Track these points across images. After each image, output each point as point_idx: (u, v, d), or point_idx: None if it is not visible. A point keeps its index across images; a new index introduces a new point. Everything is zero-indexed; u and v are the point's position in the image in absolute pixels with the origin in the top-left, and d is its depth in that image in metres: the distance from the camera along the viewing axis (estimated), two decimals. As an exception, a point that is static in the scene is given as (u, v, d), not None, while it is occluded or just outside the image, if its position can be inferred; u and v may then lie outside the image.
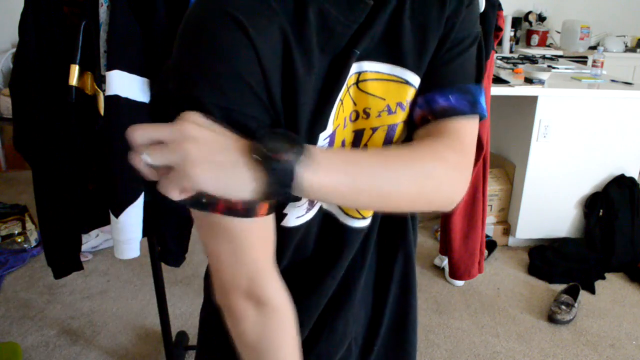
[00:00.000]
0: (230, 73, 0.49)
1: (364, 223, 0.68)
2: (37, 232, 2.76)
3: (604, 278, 2.58)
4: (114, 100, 1.30)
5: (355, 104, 0.59)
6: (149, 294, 2.37)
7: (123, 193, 1.42)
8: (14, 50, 2.95)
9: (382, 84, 0.59)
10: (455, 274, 2.04)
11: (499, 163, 2.91)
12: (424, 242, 2.92)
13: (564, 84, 2.71)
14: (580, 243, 2.76)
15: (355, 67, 0.57)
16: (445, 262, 2.54)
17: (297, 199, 0.50)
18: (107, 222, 1.52)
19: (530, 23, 4.91)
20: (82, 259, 1.62)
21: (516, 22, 4.81)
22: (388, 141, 0.62)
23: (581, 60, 4.05)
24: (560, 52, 4.48)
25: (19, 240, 2.70)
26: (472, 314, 2.29)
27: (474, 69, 0.64)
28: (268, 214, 0.54)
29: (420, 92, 0.62)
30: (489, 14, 1.48)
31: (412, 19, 0.59)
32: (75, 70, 1.33)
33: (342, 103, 0.58)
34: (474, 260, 2.01)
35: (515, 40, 4.82)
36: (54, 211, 1.49)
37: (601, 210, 2.70)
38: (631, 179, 2.70)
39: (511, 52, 4.55)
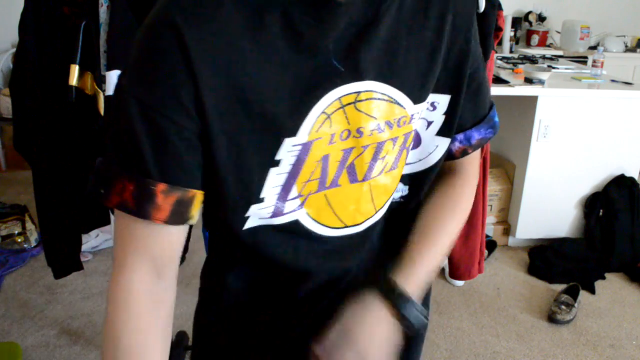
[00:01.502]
0: (157, 76, 0.52)
1: (342, 232, 0.69)
2: (37, 232, 2.76)
3: (604, 278, 2.58)
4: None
5: (348, 122, 0.60)
6: (149, 294, 2.37)
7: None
8: (14, 50, 2.95)
9: (375, 103, 0.61)
10: (455, 274, 2.04)
11: (499, 163, 2.91)
12: (424, 242, 2.92)
13: (564, 84, 2.71)
14: (580, 243, 2.76)
15: (351, 87, 0.58)
16: (445, 262, 2.54)
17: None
18: (107, 222, 1.52)
19: (530, 23, 4.91)
20: (82, 259, 1.62)
21: (516, 22, 4.81)
22: (375, 158, 0.63)
23: (581, 60, 4.05)
24: (560, 52, 4.48)
25: (19, 240, 2.70)
26: (472, 314, 2.29)
27: (487, 93, 0.73)
28: (168, 222, 0.55)
29: (451, 123, 0.69)
30: (489, 14, 1.48)
31: (414, 39, 0.61)
32: (75, 70, 1.33)
33: (329, 118, 0.58)
34: (474, 260, 2.01)
35: (515, 40, 4.82)
36: (54, 211, 1.50)
37: (601, 210, 2.70)
38: (631, 179, 2.70)
39: (511, 52, 4.55)
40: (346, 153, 0.62)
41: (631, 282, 2.57)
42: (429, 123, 0.68)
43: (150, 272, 0.57)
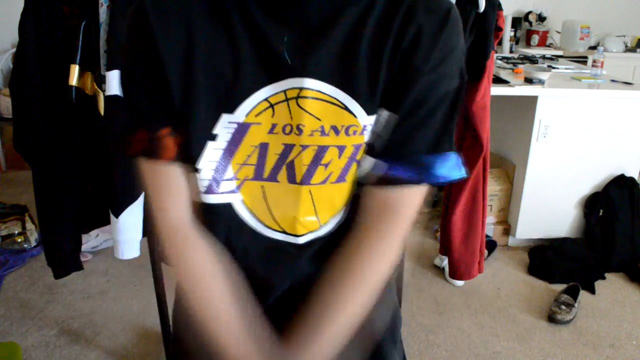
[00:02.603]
0: (130, 46, 0.63)
1: (285, 237, 0.68)
2: (37, 232, 2.76)
3: (604, 278, 2.58)
4: (114, 100, 1.30)
5: (291, 117, 0.61)
6: (149, 294, 2.37)
7: (123, 193, 1.42)
8: (14, 50, 2.95)
9: (322, 105, 0.60)
10: (455, 274, 2.04)
11: (499, 163, 2.91)
12: (424, 242, 2.92)
13: (564, 84, 2.71)
14: (580, 243, 2.76)
15: (297, 82, 0.60)
16: (445, 262, 2.54)
17: None
18: (107, 222, 1.52)
19: (530, 23, 4.91)
20: (82, 259, 1.62)
21: (516, 22, 4.81)
22: (315, 162, 0.63)
23: (581, 60, 4.05)
24: (560, 52, 4.48)
25: (19, 240, 2.70)
26: (472, 314, 2.29)
27: (434, 136, 0.64)
28: (176, 160, 0.64)
29: (379, 148, 0.64)
30: (489, 14, 1.48)
31: (371, 48, 0.60)
32: (75, 70, 1.33)
33: (272, 107, 0.61)
34: (474, 260, 2.01)
35: (515, 40, 4.82)
36: (54, 211, 1.50)
37: (601, 210, 2.70)
38: (631, 179, 2.70)
39: (511, 52, 4.55)
40: (287, 148, 0.62)
41: (631, 282, 2.57)
42: (377, 138, 0.65)
43: (184, 208, 0.67)
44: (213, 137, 0.62)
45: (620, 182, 2.69)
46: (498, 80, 2.59)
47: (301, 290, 0.68)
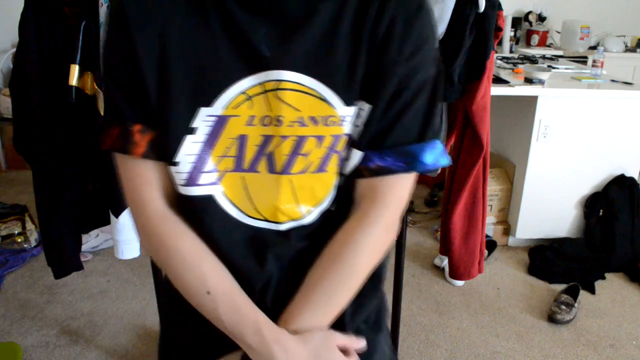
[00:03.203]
0: (110, 42, 0.66)
1: (267, 225, 0.68)
2: (37, 232, 2.76)
3: (604, 278, 2.58)
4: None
5: (270, 109, 0.62)
6: (149, 294, 2.37)
7: (123, 193, 1.42)
8: (14, 50, 2.95)
9: (300, 96, 0.62)
10: (455, 274, 2.03)
11: (499, 163, 2.91)
12: (424, 242, 2.92)
13: (564, 84, 2.71)
14: (580, 243, 2.76)
15: (275, 74, 0.61)
16: (445, 262, 2.54)
17: None
18: (107, 222, 1.52)
19: (530, 23, 4.91)
20: (82, 259, 1.62)
21: (516, 22, 4.81)
22: (295, 152, 0.64)
23: (581, 60, 4.05)
24: (560, 52, 4.48)
25: (19, 240, 2.70)
26: (472, 314, 2.29)
27: (418, 125, 0.66)
28: (145, 156, 0.65)
29: (365, 140, 0.66)
30: (489, 14, 1.48)
31: (347, 40, 0.62)
32: (75, 70, 1.33)
33: (249, 99, 0.62)
34: (474, 260, 2.01)
35: (515, 40, 4.82)
36: (54, 211, 1.49)
37: (601, 210, 2.70)
38: (631, 179, 2.70)
39: (511, 52, 4.55)
40: (266, 139, 0.64)
41: (631, 282, 2.57)
42: (360, 131, 0.67)
43: (165, 199, 0.68)
44: (192, 131, 0.63)
45: (620, 182, 2.69)
46: (498, 80, 2.59)
47: (288, 279, 0.69)
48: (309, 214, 0.68)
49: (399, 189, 0.69)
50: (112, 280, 2.50)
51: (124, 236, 1.46)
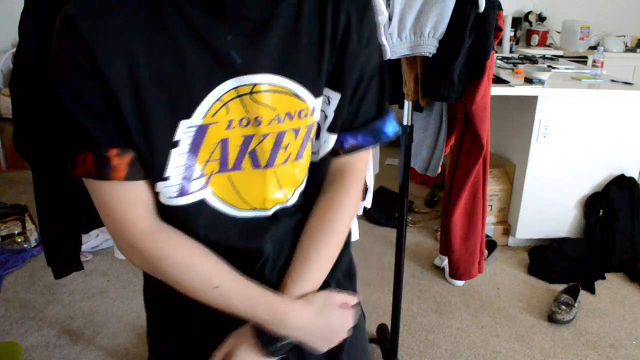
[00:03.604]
0: (67, 63, 0.60)
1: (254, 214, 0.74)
2: (37, 232, 2.76)
3: (604, 278, 2.58)
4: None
5: (247, 112, 0.66)
6: (149, 294, 2.37)
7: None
8: (14, 50, 2.95)
9: (274, 95, 0.66)
10: (455, 274, 2.03)
11: (499, 163, 2.91)
12: (424, 242, 2.92)
13: (564, 84, 2.71)
14: (580, 243, 2.76)
15: (248, 79, 0.64)
16: (445, 262, 2.54)
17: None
18: (107, 222, 1.52)
19: (530, 23, 4.91)
20: (82, 259, 1.62)
21: (516, 22, 4.81)
22: (276, 146, 0.69)
23: (581, 60, 4.05)
24: (560, 52, 4.48)
25: (19, 240, 2.70)
26: (472, 314, 2.29)
27: (377, 103, 0.77)
28: (127, 179, 0.64)
29: (336, 124, 0.74)
30: (489, 14, 1.48)
31: (310, 37, 0.67)
32: (75, 70, 1.33)
33: (225, 105, 0.64)
34: (474, 260, 2.01)
35: (515, 40, 4.82)
36: (54, 211, 1.49)
37: (601, 210, 2.70)
38: (631, 179, 2.70)
39: (511, 52, 4.55)
40: (247, 139, 0.67)
41: (631, 282, 2.57)
42: (325, 117, 0.74)
43: (152, 215, 0.68)
44: (175, 144, 0.64)
45: (620, 182, 2.69)
46: (498, 80, 2.59)
47: (281, 253, 0.76)
48: (292, 195, 0.76)
49: (365, 160, 0.80)
50: (112, 280, 2.50)
51: (124, 236, 1.46)
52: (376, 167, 1.82)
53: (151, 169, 0.65)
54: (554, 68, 3.13)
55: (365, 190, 1.71)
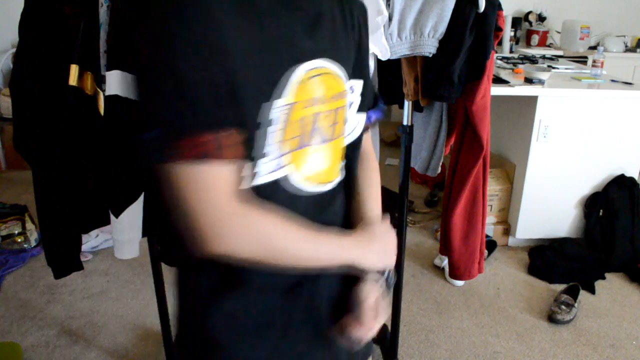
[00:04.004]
0: (194, 41, 0.61)
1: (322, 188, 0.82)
2: (37, 232, 2.76)
3: (604, 278, 2.58)
4: (114, 100, 1.30)
5: (315, 92, 0.74)
6: (149, 294, 2.37)
7: (123, 193, 1.42)
8: (14, 50, 2.95)
9: (329, 77, 0.76)
10: (455, 274, 2.03)
11: (499, 163, 2.91)
12: (424, 242, 2.92)
13: (564, 84, 2.71)
14: (580, 243, 2.76)
15: (315, 63, 0.73)
16: (445, 262, 2.54)
17: None
18: (107, 222, 1.52)
19: (530, 23, 4.92)
20: (82, 259, 1.62)
21: (516, 22, 4.81)
22: (333, 122, 0.79)
23: (581, 60, 4.05)
24: (560, 52, 4.48)
25: (19, 240, 2.70)
26: (472, 314, 2.29)
27: (371, 81, 0.92)
28: (233, 159, 0.65)
29: (362, 105, 0.88)
30: (489, 14, 1.48)
31: (343, 27, 0.79)
32: (75, 70, 1.33)
33: (302, 85, 0.71)
34: (474, 260, 2.01)
35: (515, 40, 4.82)
36: (54, 211, 1.50)
37: (601, 210, 2.70)
38: (631, 179, 2.70)
39: (511, 52, 4.55)
40: (315, 116, 0.75)
41: (631, 282, 2.57)
42: (350, 104, 0.85)
43: (239, 194, 0.68)
44: (270, 123, 0.69)
45: (620, 182, 2.69)
46: (498, 80, 2.59)
47: (344, 219, 0.89)
48: (340, 169, 0.86)
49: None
50: (112, 280, 2.50)
51: (124, 236, 1.46)
52: (376, 167, 1.81)
53: (251, 149, 0.67)
54: (554, 68, 3.13)
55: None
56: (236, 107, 0.64)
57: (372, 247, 0.84)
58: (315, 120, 0.75)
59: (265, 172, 0.71)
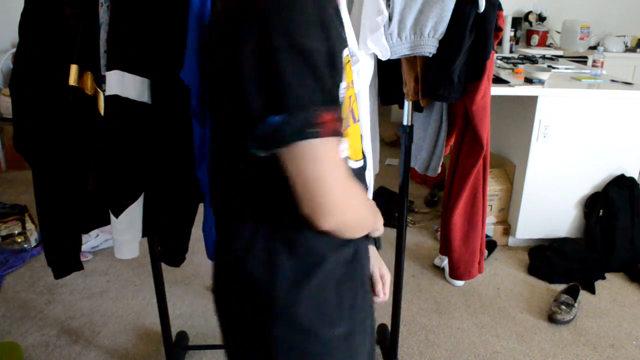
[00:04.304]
0: (329, 23, 0.69)
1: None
2: (37, 232, 2.76)
3: (604, 278, 2.58)
4: (114, 100, 1.30)
5: (349, 76, 0.79)
6: (149, 294, 2.37)
7: (123, 193, 1.42)
8: (14, 50, 2.95)
9: (349, 65, 0.80)
10: (455, 274, 2.03)
11: (499, 163, 2.91)
12: (424, 242, 2.92)
13: (564, 84, 2.71)
14: (580, 243, 2.76)
15: (346, 51, 0.76)
16: (445, 262, 2.54)
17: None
18: (107, 222, 1.52)
19: (530, 23, 4.91)
20: (82, 259, 1.62)
21: (516, 22, 4.81)
22: (357, 105, 0.86)
23: (581, 60, 4.05)
24: (560, 52, 4.48)
25: (19, 240, 2.70)
26: (472, 314, 2.29)
27: None
28: (342, 135, 0.71)
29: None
30: (489, 14, 1.48)
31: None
32: (75, 70, 1.33)
33: (345, 70, 0.75)
34: (474, 260, 2.00)
35: (515, 40, 4.82)
36: (54, 211, 1.50)
37: (601, 210, 2.70)
38: (631, 179, 2.70)
39: (511, 52, 4.55)
40: (350, 99, 0.80)
41: (631, 282, 2.57)
42: None
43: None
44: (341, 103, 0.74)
45: (620, 182, 2.69)
46: (498, 80, 2.59)
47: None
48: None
49: None
50: (112, 280, 2.50)
51: (124, 236, 1.46)
52: (376, 167, 1.81)
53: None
54: (554, 68, 3.13)
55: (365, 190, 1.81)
56: (335, 83, 0.69)
57: (379, 216, 0.91)
58: (350, 102, 0.81)
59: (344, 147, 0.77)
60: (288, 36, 0.62)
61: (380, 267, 1.02)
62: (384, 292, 1.00)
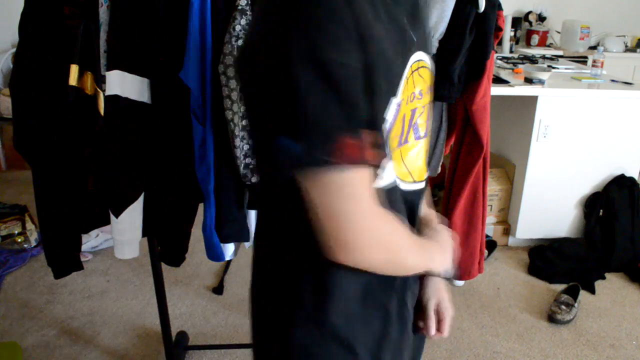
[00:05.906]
0: (343, 34, 0.55)
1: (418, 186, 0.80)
2: (37, 232, 2.76)
3: (604, 278, 2.58)
4: (114, 100, 1.30)
5: (415, 87, 0.69)
6: (149, 294, 2.37)
7: (123, 193, 1.42)
8: (14, 50, 2.95)
9: (425, 71, 0.73)
10: (455, 274, 2.04)
11: (499, 163, 2.91)
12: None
13: (564, 84, 2.71)
14: (580, 243, 2.76)
15: (417, 56, 0.69)
16: (445, 262, 2.54)
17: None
18: (107, 222, 1.52)
19: (530, 23, 4.91)
20: (82, 259, 1.62)
21: (516, 22, 4.81)
22: (428, 118, 0.77)
23: (581, 60, 4.06)
24: (560, 52, 4.48)
25: (19, 240, 2.70)
26: (472, 314, 2.29)
27: None
28: (374, 162, 0.59)
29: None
30: (489, 14, 1.48)
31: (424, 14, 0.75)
32: (75, 70, 1.33)
33: (407, 81, 0.67)
34: (474, 260, 2.01)
35: (515, 40, 4.82)
36: (54, 211, 1.49)
37: (601, 210, 2.70)
38: (631, 179, 2.70)
39: (511, 52, 4.55)
40: (412, 113, 0.71)
41: (631, 282, 2.57)
42: None
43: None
44: (385, 121, 0.64)
45: (620, 182, 2.69)
46: (498, 80, 2.59)
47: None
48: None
49: None
50: (112, 280, 2.50)
51: (124, 236, 1.46)
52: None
53: (381, 150, 0.61)
54: (554, 68, 3.13)
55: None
56: (371, 104, 0.57)
57: (444, 255, 0.80)
58: (412, 117, 0.70)
59: (386, 174, 0.67)
60: (309, 46, 0.53)
61: (439, 301, 0.87)
62: (439, 330, 0.86)
